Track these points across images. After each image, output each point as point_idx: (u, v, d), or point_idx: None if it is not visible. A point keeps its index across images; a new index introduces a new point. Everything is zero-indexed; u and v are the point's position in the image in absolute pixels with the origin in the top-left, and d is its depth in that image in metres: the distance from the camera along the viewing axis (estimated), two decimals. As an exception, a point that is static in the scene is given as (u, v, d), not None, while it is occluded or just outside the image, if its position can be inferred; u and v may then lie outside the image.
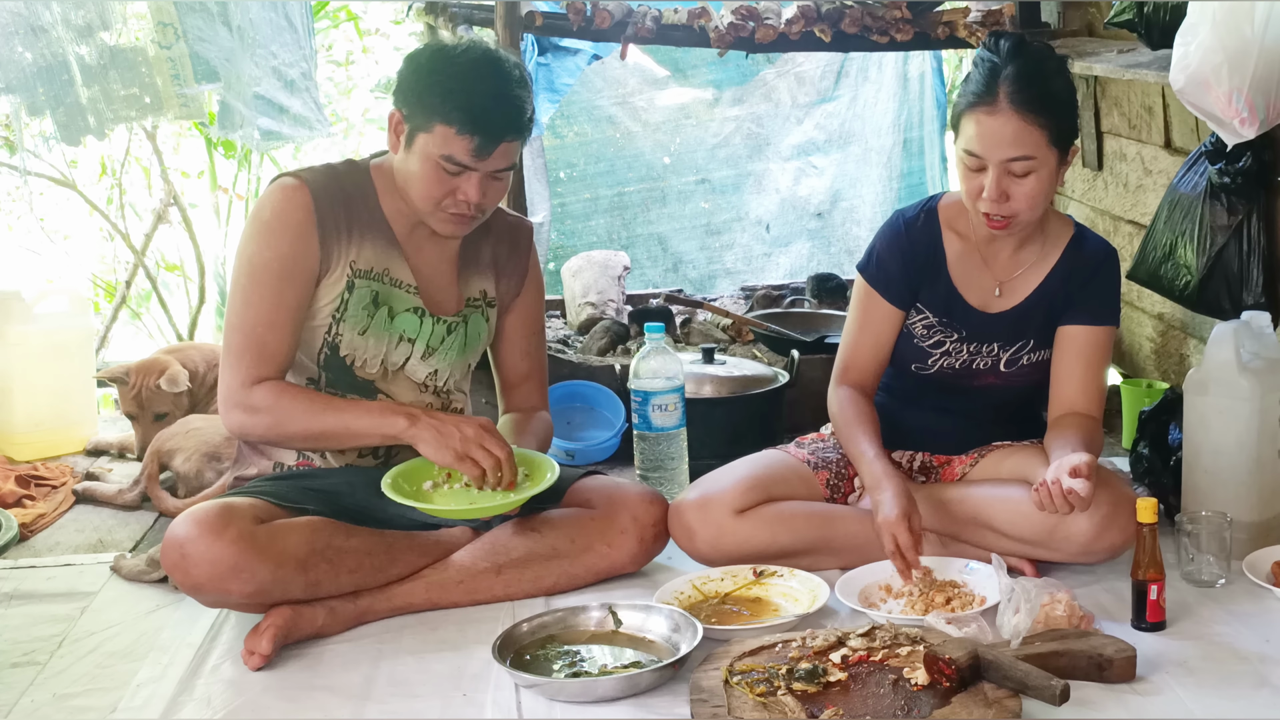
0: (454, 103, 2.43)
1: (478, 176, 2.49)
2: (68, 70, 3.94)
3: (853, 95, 5.91)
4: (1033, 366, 2.70)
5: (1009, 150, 2.47)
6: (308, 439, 2.55)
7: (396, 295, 2.60)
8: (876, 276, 2.72)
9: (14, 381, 3.86)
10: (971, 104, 2.51)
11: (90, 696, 2.35)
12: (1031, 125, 2.46)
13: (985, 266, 2.69)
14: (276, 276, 2.50)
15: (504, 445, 2.49)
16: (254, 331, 2.49)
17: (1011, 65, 2.48)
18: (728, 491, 2.64)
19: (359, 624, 2.48)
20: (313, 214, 2.51)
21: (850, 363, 2.75)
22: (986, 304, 2.69)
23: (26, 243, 5.85)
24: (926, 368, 2.73)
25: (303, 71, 4.31)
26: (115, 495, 3.41)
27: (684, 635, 2.30)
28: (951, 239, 2.70)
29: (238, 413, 2.51)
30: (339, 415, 2.51)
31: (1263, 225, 3.05)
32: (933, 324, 2.71)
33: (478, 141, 2.45)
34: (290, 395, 2.51)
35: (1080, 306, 2.65)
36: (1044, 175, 2.50)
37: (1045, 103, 2.48)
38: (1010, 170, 2.48)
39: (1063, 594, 2.34)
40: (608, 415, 3.74)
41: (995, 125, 2.47)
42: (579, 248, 5.50)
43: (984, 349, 2.70)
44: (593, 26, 4.05)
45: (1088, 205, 4.17)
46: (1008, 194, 2.49)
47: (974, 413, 2.76)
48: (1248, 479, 2.65)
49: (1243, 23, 2.61)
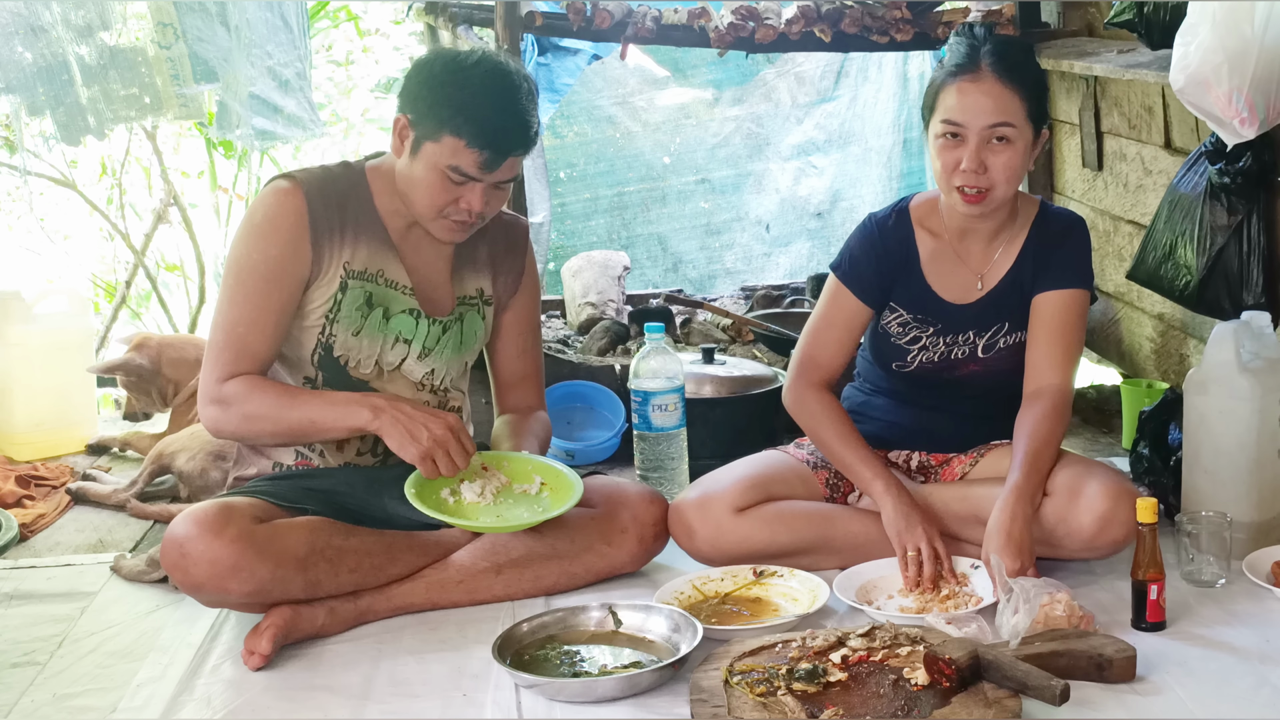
0: (465, 116, 2.44)
1: (481, 187, 2.50)
2: (68, 70, 3.94)
3: (853, 95, 5.91)
4: (1011, 349, 2.70)
5: (992, 116, 2.52)
6: (278, 434, 2.54)
7: (392, 296, 2.60)
8: (850, 274, 2.73)
9: (14, 381, 3.86)
10: (953, 74, 2.57)
11: (90, 696, 2.35)
12: (1013, 93, 2.53)
13: (961, 262, 2.70)
14: (263, 279, 2.50)
15: (467, 450, 2.50)
16: (235, 330, 2.50)
17: (990, 42, 2.58)
18: (727, 491, 2.65)
19: (359, 624, 2.48)
20: (305, 216, 2.51)
21: (813, 359, 2.73)
22: (960, 297, 2.70)
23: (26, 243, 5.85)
24: (907, 364, 2.73)
25: (297, 71, 4.31)
26: (109, 495, 3.41)
27: (684, 635, 2.30)
28: (924, 237, 2.72)
29: (212, 407, 2.51)
30: (304, 408, 2.49)
31: (1263, 225, 3.05)
32: (907, 321, 2.72)
33: (487, 156, 2.46)
34: (260, 389, 2.50)
35: (1047, 273, 2.66)
36: (1020, 149, 2.55)
37: (1025, 76, 2.57)
38: (990, 139, 2.53)
39: (1062, 594, 2.34)
40: (608, 415, 3.74)
41: (979, 92, 2.53)
42: (579, 248, 5.50)
43: (960, 338, 2.70)
44: (593, 26, 4.05)
45: (1088, 205, 4.17)
46: (986, 165, 2.53)
47: (967, 407, 2.76)
48: (1248, 479, 2.65)
49: (1243, 23, 2.61)
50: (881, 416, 2.78)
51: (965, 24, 2.64)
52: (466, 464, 2.49)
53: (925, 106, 2.64)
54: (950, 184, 2.57)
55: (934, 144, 2.60)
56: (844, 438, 2.66)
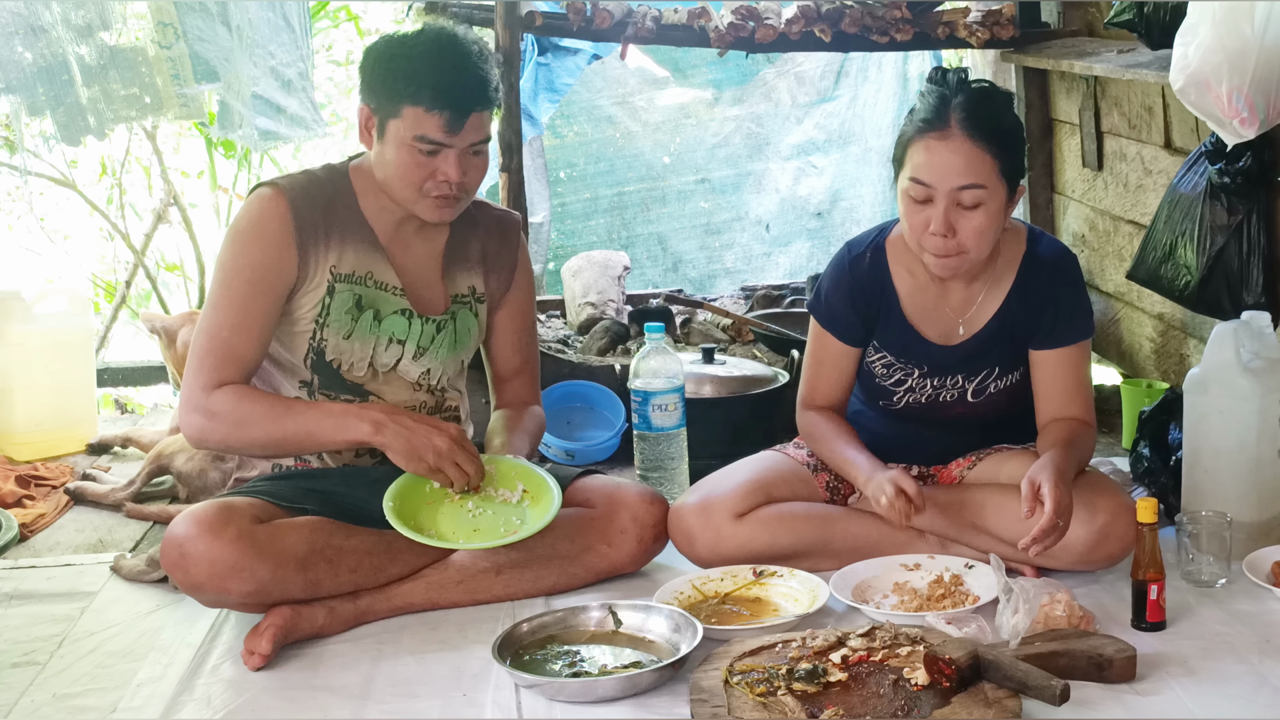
0: (418, 82, 2.44)
1: (455, 154, 2.49)
2: (68, 70, 3.94)
3: (852, 95, 5.91)
4: (1001, 393, 2.65)
5: (960, 178, 2.40)
6: (269, 446, 2.50)
7: (382, 298, 2.59)
8: (827, 317, 2.69)
9: (14, 381, 3.86)
10: (921, 130, 2.44)
11: (90, 696, 2.35)
12: (984, 153, 2.41)
13: (942, 301, 2.63)
14: (247, 283, 2.49)
15: (475, 458, 2.49)
16: (219, 335, 2.47)
17: (962, 95, 2.45)
18: (728, 496, 2.63)
19: (359, 624, 2.48)
20: (290, 222, 2.50)
21: (811, 395, 2.73)
22: (945, 338, 2.64)
23: (26, 243, 5.85)
24: (893, 404, 2.71)
25: (299, 71, 4.31)
26: (106, 494, 3.41)
27: (684, 635, 2.30)
28: (902, 276, 2.63)
29: (196, 416, 2.46)
30: (300, 420, 2.46)
31: (1263, 225, 3.05)
32: (891, 362, 2.67)
33: (448, 116, 2.45)
34: (250, 399, 2.47)
35: (1046, 334, 2.59)
36: (992, 210, 2.44)
37: (996, 133, 2.43)
38: (959, 201, 2.42)
39: (1062, 594, 2.34)
40: (608, 415, 3.74)
41: (947, 151, 2.41)
42: (579, 248, 5.51)
43: (948, 381, 2.66)
44: (593, 26, 4.05)
45: (1088, 205, 4.17)
46: (955, 227, 2.43)
47: (958, 431, 2.73)
48: (1248, 479, 2.65)
49: (1243, 23, 2.61)
50: (876, 433, 2.74)
51: (936, 70, 2.53)
52: (477, 474, 2.48)
53: (895, 159, 2.53)
54: (920, 245, 2.49)
55: (902, 200, 2.50)
56: (843, 441, 2.64)
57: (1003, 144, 2.44)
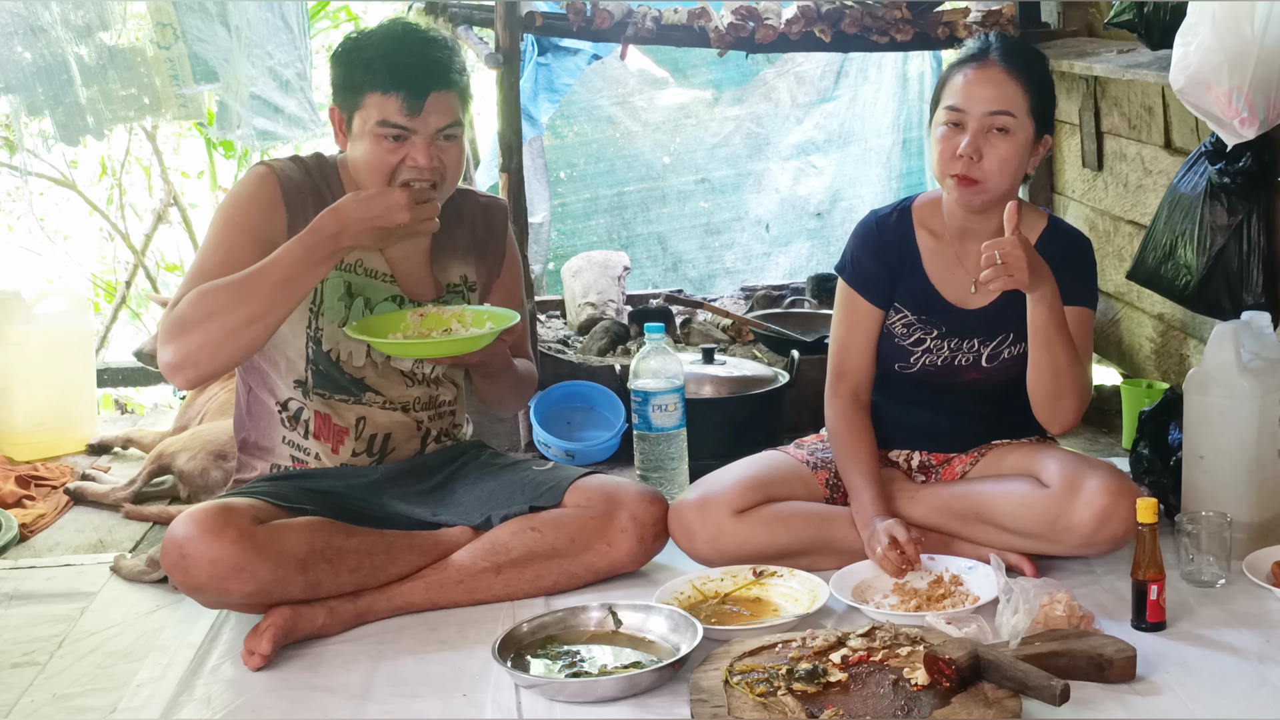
0: (374, 68, 2.46)
1: (422, 140, 2.48)
2: (67, 70, 3.94)
3: (852, 95, 5.91)
4: (1014, 360, 2.69)
5: (993, 103, 2.55)
6: (254, 317, 2.35)
7: (371, 285, 2.60)
8: (855, 277, 2.75)
9: (14, 381, 3.86)
10: (961, 62, 2.62)
11: (90, 696, 2.35)
12: (1017, 84, 2.56)
13: (959, 263, 2.70)
14: (237, 229, 2.49)
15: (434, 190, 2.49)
16: (202, 270, 2.45)
17: (1001, 41, 2.63)
18: (727, 492, 2.65)
19: (359, 624, 2.48)
20: (281, 199, 2.54)
21: (844, 366, 2.76)
22: (964, 300, 2.70)
23: (26, 243, 5.86)
24: (909, 366, 2.73)
25: (298, 72, 4.31)
26: (106, 494, 3.41)
27: (684, 635, 2.30)
28: (925, 237, 2.73)
29: (171, 342, 2.37)
30: (265, 270, 2.35)
31: (1263, 225, 3.05)
32: (911, 321, 2.72)
33: (404, 95, 2.45)
34: (209, 288, 2.37)
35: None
36: (1019, 142, 2.57)
37: (1030, 72, 2.60)
38: (990, 128, 2.55)
39: (1062, 594, 2.34)
40: (608, 415, 3.73)
41: (983, 78, 2.57)
42: (579, 248, 5.50)
43: (964, 345, 2.70)
44: (593, 26, 4.05)
45: (1088, 205, 4.17)
46: (981, 153, 2.55)
47: (967, 410, 2.76)
48: (1248, 479, 2.65)
49: (1243, 23, 2.61)
50: (883, 415, 2.78)
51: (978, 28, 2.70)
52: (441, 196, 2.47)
53: (933, 100, 2.67)
54: (946, 172, 2.59)
55: (934, 135, 2.62)
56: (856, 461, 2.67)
57: (1035, 83, 2.60)
